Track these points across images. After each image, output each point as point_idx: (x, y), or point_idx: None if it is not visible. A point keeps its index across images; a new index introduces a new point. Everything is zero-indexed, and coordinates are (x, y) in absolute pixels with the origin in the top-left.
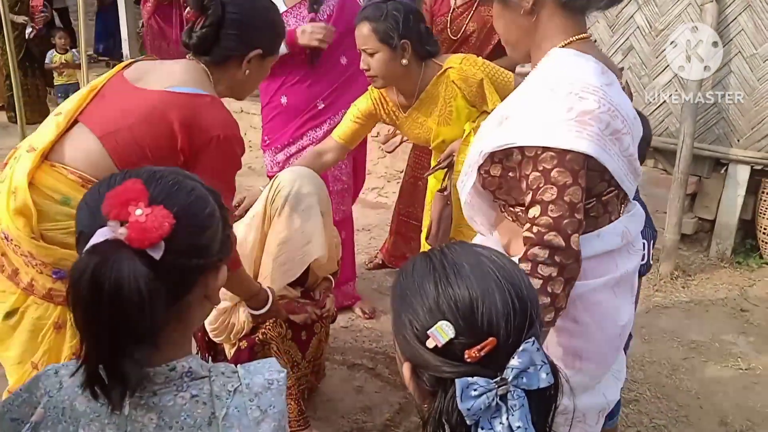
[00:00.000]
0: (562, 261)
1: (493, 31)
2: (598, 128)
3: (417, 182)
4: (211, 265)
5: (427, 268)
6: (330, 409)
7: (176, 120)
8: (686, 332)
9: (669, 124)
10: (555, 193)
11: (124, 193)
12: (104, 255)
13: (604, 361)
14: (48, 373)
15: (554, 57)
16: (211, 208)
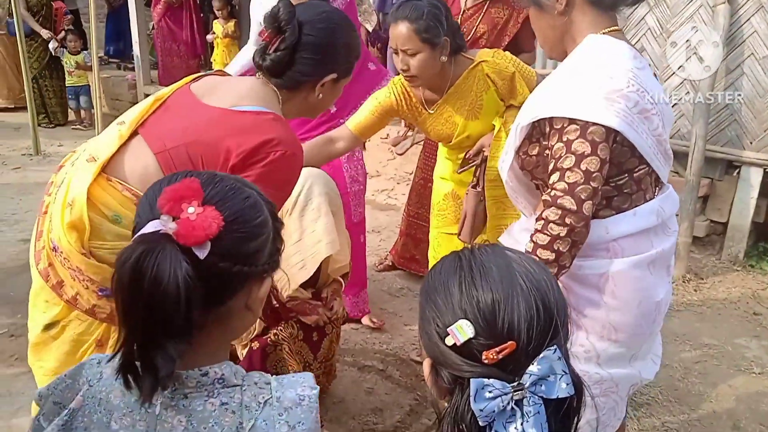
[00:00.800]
0: (571, 223)
1: (503, 33)
2: (626, 105)
3: (427, 184)
4: (255, 275)
5: (454, 267)
6: (341, 411)
7: (231, 141)
8: (698, 335)
9: (681, 126)
10: (573, 161)
11: (181, 190)
12: (150, 245)
13: (640, 333)
14: (92, 362)
15: (589, 41)
16: (264, 218)
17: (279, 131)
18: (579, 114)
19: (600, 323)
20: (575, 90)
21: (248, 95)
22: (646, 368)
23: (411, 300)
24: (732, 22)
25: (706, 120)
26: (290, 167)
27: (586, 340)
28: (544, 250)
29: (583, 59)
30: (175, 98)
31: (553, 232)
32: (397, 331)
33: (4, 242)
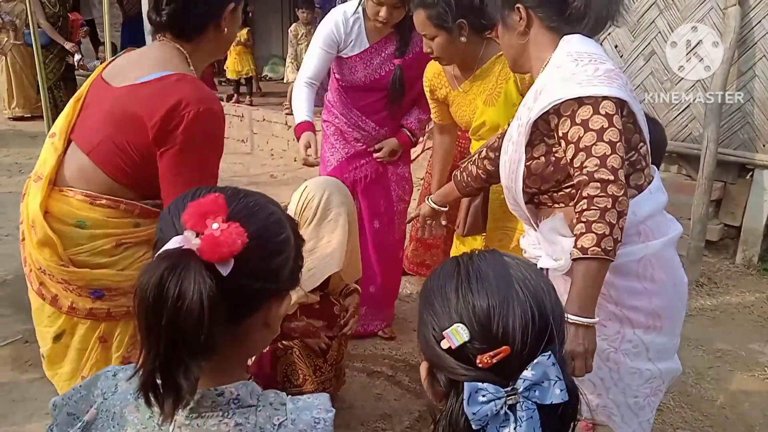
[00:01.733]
0: (614, 193)
1: None
2: (624, 81)
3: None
4: (276, 293)
5: (452, 272)
6: (350, 417)
7: (143, 113)
8: (711, 340)
9: (692, 129)
10: (595, 136)
11: (205, 205)
12: (174, 262)
13: (678, 316)
14: (107, 374)
15: (568, 40)
16: (287, 235)
17: (184, 91)
18: (587, 92)
19: (644, 313)
20: (575, 76)
21: (151, 64)
22: (677, 361)
23: None
24: (743, 25)
25: (718, 123)
26: (209, 123)
27: (634, 335)
28: (597, 224)
29: (570, 54)
30: (91, 93)
31: (600, 204)
32: (406, 336)
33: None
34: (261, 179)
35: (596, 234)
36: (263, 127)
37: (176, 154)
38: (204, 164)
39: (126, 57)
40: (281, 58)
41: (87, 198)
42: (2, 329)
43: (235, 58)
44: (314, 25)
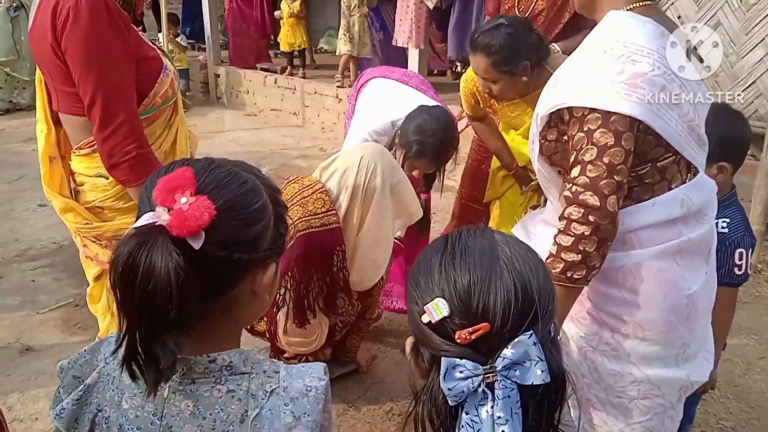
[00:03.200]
0: (596, 221)
1: (563, 10)
2: (650, 91)
3: (480, 166)
4: (258, 262)
5: (438, 248)
6: (379, 391)
7: (45, 38)
8: (765, 330)
9: (759, 106)
10: (595, 153)
11: (173, 180)
12: (143, 238)
13: (672, 330)
14: (110, 339)
15: (610, 19)
16: (262, 203)
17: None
18: (599, 103)
19: (624, 321)
20: (594, 76)
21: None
22: (697, 369)
23: None
24: None
25: None
26: (92, 10)
27: (612, 339)
28: (569, 253)
29: (603, 41)
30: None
31: (577, 231)
32: None
33: None
34: (311, 152)
35: (566, 261)
36: (315, 100)
37: (71, 56)
38: (103, 53)
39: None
40: (336, 30)
41: (88, 149)
42: (56, 292)
43: (288, 30)
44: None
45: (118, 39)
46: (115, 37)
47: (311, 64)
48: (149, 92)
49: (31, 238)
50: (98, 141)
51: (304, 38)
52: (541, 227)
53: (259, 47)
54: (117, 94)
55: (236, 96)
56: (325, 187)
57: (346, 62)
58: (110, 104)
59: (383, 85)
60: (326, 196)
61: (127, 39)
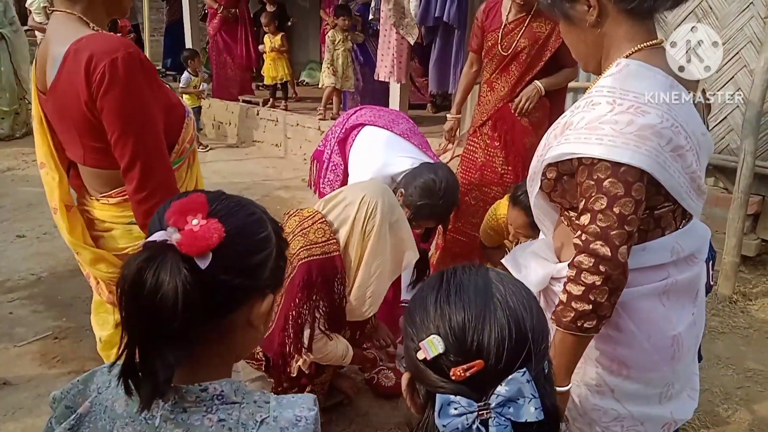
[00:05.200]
0: (606, 270)
1: (544, 48)
2: (658, 143)
3: (464, 198)
4: (257, 290)
5: (434, 284)
6: (364, 424)
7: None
8: (743, 360)
9: (730, 141)
10: (605, 203)
11: (187, 203)
12: (153, 253)
13: (656, 369)
14: (103, 370)
15: (620, 68)
16: (267, 234)
17: (87, 49)
18: (609, 154)
19: (607, 357)
20: (604, 126)
21: (53, 48)
22: (681, 407)
23: None
24: None
25: (756, 135)
26: (127, 73)
27: (596, 374)
28: (579, 303)
29: (613, 90)
30: (45, 109)
31: (587, 281)
32: None
33: (56, 248)
34: (293, 183)
35: (576, 311)
36: (297, 132)
37: (108, 116)
38: (141, 114)
39: (39, 54)
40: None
41: (120, 198)
42: (34, 325)
43: (270, 63)
44: (351, 32)
45: (152, 95)
46: (150, 93)
47: (293, 97)
48: (177, 140)
49: (8, 270)
50: (134, 201)
51: (286, 71)
52: (531, 260)
53: (243, 80)
54: (155, 155)
55: (218, 127)
56: (325, 218)
57: (329, 95)
58: (149, 167)
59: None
60: (326, 226)
61: (158, 92)
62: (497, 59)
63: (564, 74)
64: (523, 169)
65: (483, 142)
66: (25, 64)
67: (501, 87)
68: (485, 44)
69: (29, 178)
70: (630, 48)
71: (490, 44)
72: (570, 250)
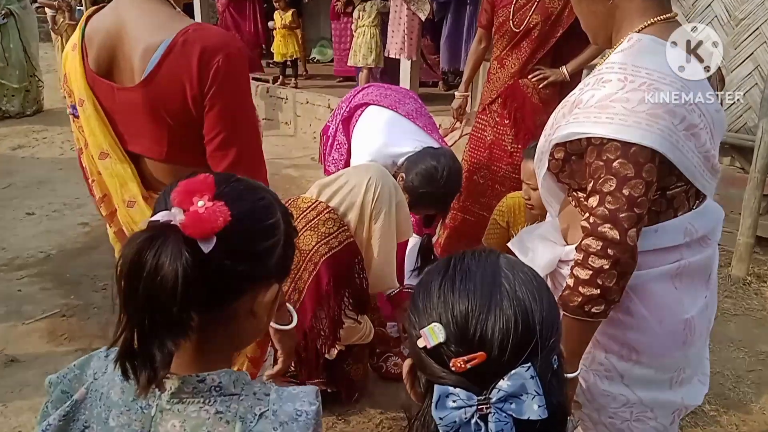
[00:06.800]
0: (615, 254)
1: (557, 24)
2: (671, 122)
3: (472, 177)
4: (261, 278)
5: (440, 269)
6: (369, 404)
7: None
8: (755, 342)
9: (747, 120)
10: (614, 184)
11: (194, 184)
12: (155, 234)
13: (668, 354)
14: (100, 354)
15: (632, 43)
16: (276, 221)
17: (199, 41)
18: (618, 133)
19: (617, 342)
20: (614, 104)
21: (145, 44)
22: (691, 393)
23: None
24: None
25: None
26: (239, 66)
27: (605, 359)
28: (587, 287)
29: (625, 66)
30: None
31: (596, 264)
32: None
33: (66, 225)
34: (302, 162)
35: (584, 296)
36: (307, 110)
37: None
38: (249, 117)
39: (105, 35)
40: (329, 40)
41: None
42: (42, 302)
43: (280, 40)
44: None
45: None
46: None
47: (304, 74)
48: None
49: (18, 247)
50: None
51: (297, 48)
52: (538, 243)
53: (252, 57)
54: (256, 163)
55: None
56: (330, 206)
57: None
58: (250, 171)
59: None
60: (334, 214)
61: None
62: (508, 35)
63: (592, 50)
64: None
65: (492, 120)
66: (34, 41)
67: (512, 64)
68: (495, 20)
69: (40, 156)
70: (642, 22)
71: (501, 20)
72: (576, 232)
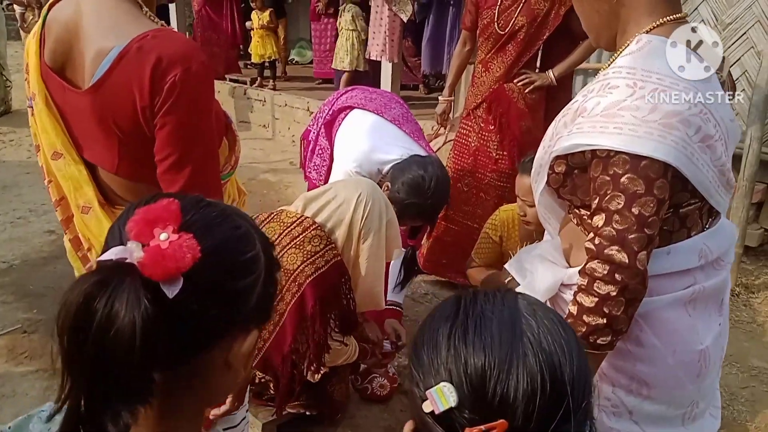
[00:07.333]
0: (623, 279)
1: (543, 27)
2: (685, 133)
3: (456, 184)
4: (238, 324)
5: (448, 314)
6: (351, 427)
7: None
8: (747, 356)
9: None
10: (622, 202)
11: (155, 211)
12: (106, 276)
13: (681, 388)
14: (40, 415)
15: (641, 45)
16: (255, 255)
17: (155, 50)
18: (629, 146)
19: (625, 375)
20: (623, 113)
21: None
22: (704, 428)
23: None
24: None
25: (763, 120)
26: (200, 83)
27: (612, 394)
28: (592, 316)
29: (632, 70)
30: (58, 97)
31: (602, 291)
32: None
33: (31, 233)
34: (281, 166)
35: (588, 325)
36: (285, 113)
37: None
38: (205, 139)
39: (63, 28)
40: (308, 42)
41: None
42: (2, 317)
43: (257, 41)
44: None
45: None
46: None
47: (283, 76)
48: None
49: None
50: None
51: (275, 49)
52: (538, 264)
53: (229, 58)
54: (211, 187)
55: None
56: (316, 222)
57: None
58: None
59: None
60: (321, 231)
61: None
62: (493, 38)
63: (580, 52)
64: (519, 154)
65: (477, 126)
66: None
67: (497, 67)
68: (480, 22)
69: (6, 159)
70: (651, 22)
71: (486, 22)
72: (580, 253)
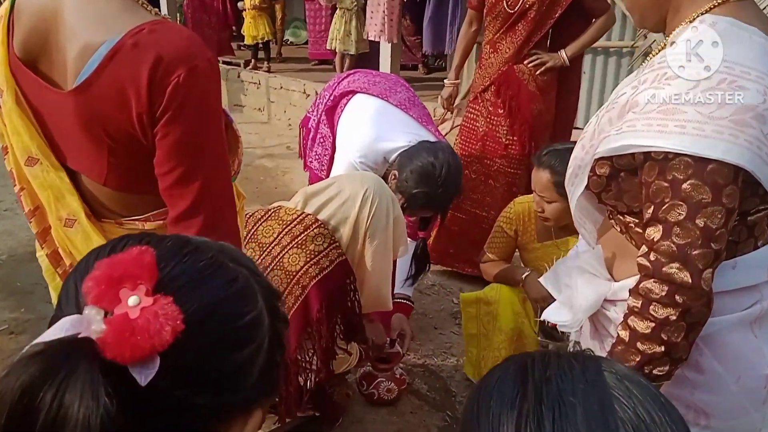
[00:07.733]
0: (685, 302)
1: (555, 4)
2: (760, 131)
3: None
4: (236, 408)
5: (514, 393)
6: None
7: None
8: None
9: None
10: (684, 212)
11: (121, 265)
12: (54, 362)
13: (744, 417)
14: None
15: (704, 27)
16: (256, 316)
17: (154, 47)
18: (694, 147)
19: (682, 404)
20: (686, 108)
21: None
22: None
23: (443, 299)
24: None
25: None
26: (209, 82)
27: None
28: (647, 343)
29: (694, 56)
30: (34, 97)
31: (659, 315)
32: (426, 335)
33: (18, 226)
34: (277, 151)
35: (643, 354)
36: (281, 96)
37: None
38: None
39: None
40: (303, 21)
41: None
42: None
43: (250, 21)
44: None
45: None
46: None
47: (278, 57)
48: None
49: None
50: None
51: (268, 30)
52: (577, 277)
53: (221, 39)
54: (225, 199)
55: None
56: (319, 219)
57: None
58: (218, 215)
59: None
60: (324, 229)
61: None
62: (502, 17)
63: (594, 31)
64: (530, 139)
65: (485, 110)
66: None
67: (506, 48)
68: (488, 0)
69: None
70: (710, 1)
71: (494, 0)
72: (626, 264)
